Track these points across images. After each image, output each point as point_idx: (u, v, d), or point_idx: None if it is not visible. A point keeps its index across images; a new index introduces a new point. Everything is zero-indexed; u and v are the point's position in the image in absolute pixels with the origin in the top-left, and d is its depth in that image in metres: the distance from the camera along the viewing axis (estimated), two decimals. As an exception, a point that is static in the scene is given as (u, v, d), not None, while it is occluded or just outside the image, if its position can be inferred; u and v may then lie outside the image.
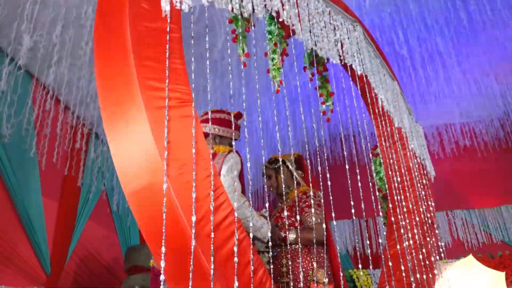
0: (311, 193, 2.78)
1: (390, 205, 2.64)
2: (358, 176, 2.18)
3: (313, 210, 2.67)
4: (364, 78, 2.57)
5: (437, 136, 6.77)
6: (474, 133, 6.77)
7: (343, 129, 5.88)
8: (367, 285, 5.37)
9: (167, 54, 1.55)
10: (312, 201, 2.71)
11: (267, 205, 2.12)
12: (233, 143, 1.80)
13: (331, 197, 2.09)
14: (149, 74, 1.51)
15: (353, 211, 2.01)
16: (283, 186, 2.95)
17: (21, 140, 3.68)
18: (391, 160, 2.80)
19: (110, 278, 4.64)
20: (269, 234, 2.29)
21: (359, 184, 2.10)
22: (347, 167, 2.21)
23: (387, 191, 2.90)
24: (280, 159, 2.52)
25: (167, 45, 1.56)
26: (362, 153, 5.89)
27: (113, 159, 1.48)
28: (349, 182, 2.08)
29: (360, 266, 5.71)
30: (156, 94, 1.49)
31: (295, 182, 2.96)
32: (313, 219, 2.65)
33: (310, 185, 2.90)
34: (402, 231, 2.56)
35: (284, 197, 2.98)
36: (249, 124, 5.17)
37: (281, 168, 2.87)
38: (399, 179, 2.78)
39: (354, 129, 5.79)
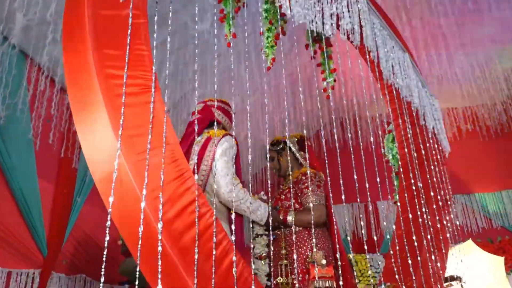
0: (310, 173, 2.79)
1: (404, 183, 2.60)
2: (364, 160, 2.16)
3: (310, 190, 2.68)
4: (368, 52, 2.53)
5: (439, 120, 6.75)
6: (476, 117, 6.75)
7: (348, 108, 5.83)
8: (365, 268, 5.43)
9: (128, 40, 1.55)
10: (309, 182, 2.71)
11: (270, 192, 2.14)
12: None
13: (337, 182, 2.06)
14: (109, 62, 1.53)
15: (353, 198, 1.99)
16: (288, 167, 2.94)
17: (16, 122, 3.65)
18: (404, 136, 2.76)
19: (108, 260, 4.65)
20: (266, 216, 2.34)
21: (364, 168, 2.06)
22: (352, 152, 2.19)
23: (400, 169, 2.88)
24: (284, 141, 2.51)
25: (128, 31, 1.56)
26: (368, 134, 5.87)
27: (82, 149, 1.51)
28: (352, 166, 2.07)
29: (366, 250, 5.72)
30: (117, 82, 1.50)
31: (299, 163, 2.96)
32: (311, 200, 2.67)
33: (308, 166, 2.93)
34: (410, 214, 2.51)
35: (286, 179, 2.98)
36: (250, 106, 5.12)
37: (284, 149, 2.91)
38: (414, 154, 2.71)
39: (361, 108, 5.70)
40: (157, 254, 1.30)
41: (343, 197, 2.01)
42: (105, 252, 1.29)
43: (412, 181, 2.57)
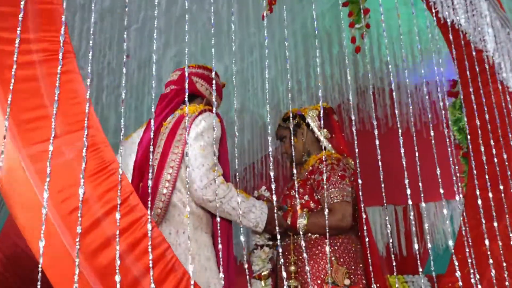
0: (332, 159, 2.74)
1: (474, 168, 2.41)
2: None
3: (330, 183, 2.64)
4: None
5: None
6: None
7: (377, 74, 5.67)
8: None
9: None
10: (330, 171, 2.67)
11: (274, 187, 1.99)
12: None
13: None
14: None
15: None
16: (305, 150, 2.93)
17: None
18: (475, 101, 2.57)
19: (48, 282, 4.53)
20: (264, 220, 2.32)
21: (403, 161, 1.86)
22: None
23: (469, 148, 2.76)
24: (300, 114, 2.33)
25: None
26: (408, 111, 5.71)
27: None
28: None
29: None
30: (9, 48, 1.48)
31: (320, 146, 2.93)
32: (331, 196, 2.63)
33: (332, 149, 2.75)
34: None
35: (301, 168, 2.96)
36: (245, 71, 4.99)
37: (300, 126, 2.94)
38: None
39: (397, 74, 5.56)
40: (70, 276, 1.24)
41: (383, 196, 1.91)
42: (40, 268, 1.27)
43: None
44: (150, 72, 4.56)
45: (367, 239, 2.67)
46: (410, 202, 1.77)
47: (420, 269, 5.81)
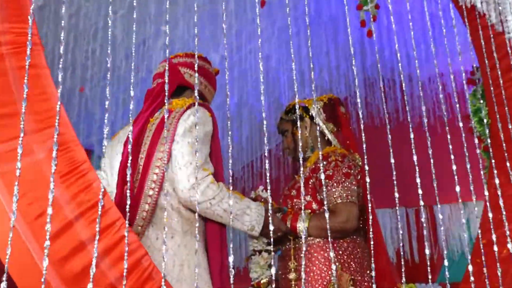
0: (336, 155, 2.73)
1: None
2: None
3: (333, 181, 2.62)
4: None
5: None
6: None
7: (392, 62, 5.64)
8: (417, 306, 5.35)
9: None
10: (334, 168, 2.66)
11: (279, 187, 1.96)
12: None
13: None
14: None
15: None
16: (308, 146, 2.92)
17: None
18: (494, 92, 2.53)
19: None
20: (260, 222, 2.31)
21: (414, 158, 1.84)
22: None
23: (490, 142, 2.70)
24: (303, 106, 2.32)
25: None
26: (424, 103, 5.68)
27: None
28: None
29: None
30: None
31: (325, 141, 2.94)
32: (335, 195, 2.62)
33: (337, 144, 2.73)
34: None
35: (304, 165, 2.96)
36: (242, 61, 4.97)
37: (304, 119, 2.94)
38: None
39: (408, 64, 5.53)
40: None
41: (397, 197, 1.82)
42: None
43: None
44: (139, 62, 4.56)
45: (371, 242, 2.63)
46: (422, 203, 1.71)
47: (430, 277, 5.86)
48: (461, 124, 2.05)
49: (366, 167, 1.90)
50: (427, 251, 2.00)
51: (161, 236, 2.19)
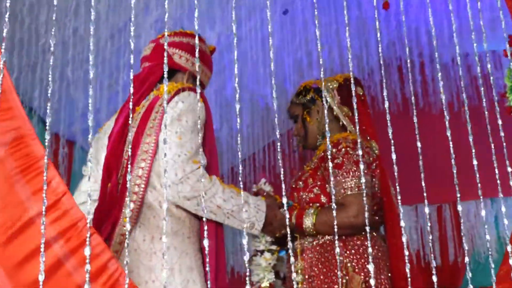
0: (347, 141, 2.72)
1: None
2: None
3: (342, 171, 2.62)
4: None
5: None
6: None
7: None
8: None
9: None
10: (343, 156, 2.66)
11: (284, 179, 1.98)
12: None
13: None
14: None
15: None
16: (320, 132, 2.93)
17: None
18: None
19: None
20: (261, 219, 2.33)
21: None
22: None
23: None
24: (315, 87, 2.39)
25: None
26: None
27: None
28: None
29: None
30: None
31: (340, 127, 2.93)
32: (344, 187, 2.62)
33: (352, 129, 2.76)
34: None
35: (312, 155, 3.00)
36: (242, 42, 4.97)
37: (315, 102, 2.98)
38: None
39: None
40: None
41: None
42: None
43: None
44: (126, 42, 4.53)
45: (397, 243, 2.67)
46: (460, 200, 1.71)
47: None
48: (497, 109, 2.05)
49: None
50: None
51: (148, 238, 2.20)
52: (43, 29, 3.96)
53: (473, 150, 1.86)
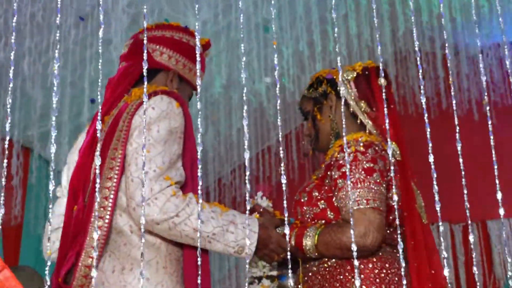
0: (358, 146, 2.67)
1: None
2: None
3: (348, 182, 2.58)
4: None
5: None
6: None
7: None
8: None
9: None
10: (351, 164, 2.63)
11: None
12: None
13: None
14: None
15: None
16: (334, 131, 2.90)
17: None
18: None
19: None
20: (253, 242, 2.32)
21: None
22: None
23: None
24: (329, 78, 2.73)
25: None
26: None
27: None
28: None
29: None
30: None
31: (358, 125, 2.89)
32: (350, 201, 2.57)
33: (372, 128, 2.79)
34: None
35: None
36: (232, 31, 4.98)
37: (328, 96, 2.97)
38: None
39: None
40: None
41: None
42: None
43: None
44: (94, 30, 4.53)
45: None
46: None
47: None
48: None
49: (431, 159, 1.86)
50: (477, 278, 2.03)
51: (118, 269, 2.18)
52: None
53: None
